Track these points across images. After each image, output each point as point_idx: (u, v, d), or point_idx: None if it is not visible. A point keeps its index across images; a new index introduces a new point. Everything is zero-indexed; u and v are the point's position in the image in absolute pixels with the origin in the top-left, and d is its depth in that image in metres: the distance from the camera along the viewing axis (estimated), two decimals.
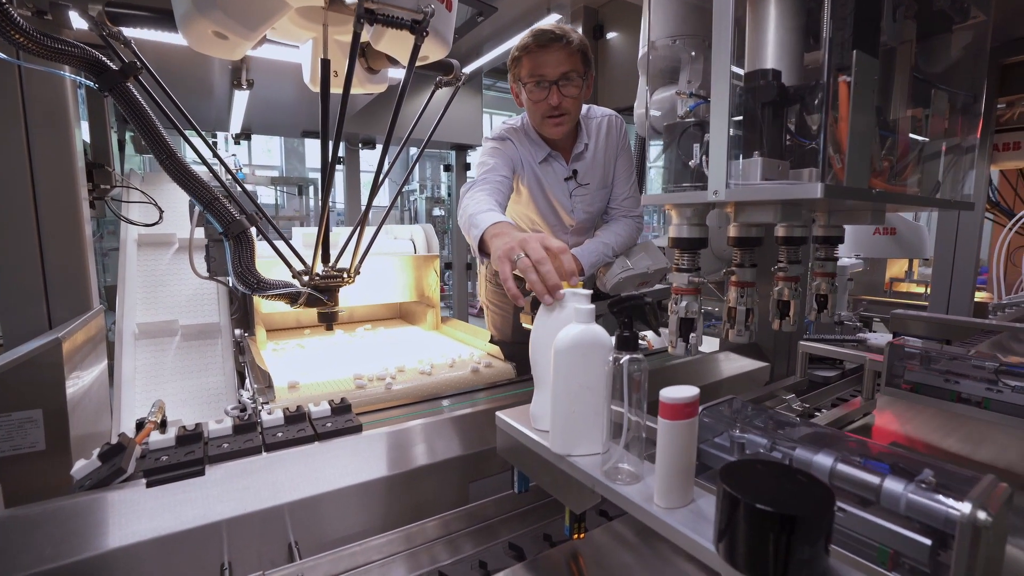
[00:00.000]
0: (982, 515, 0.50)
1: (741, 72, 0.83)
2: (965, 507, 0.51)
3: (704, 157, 0.80)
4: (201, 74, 2.10)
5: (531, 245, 0.80)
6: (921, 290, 3.77)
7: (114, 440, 0.87)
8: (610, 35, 2.41)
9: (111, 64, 0.94)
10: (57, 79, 1.43)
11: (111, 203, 1.75)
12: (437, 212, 6.03)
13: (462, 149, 4.00)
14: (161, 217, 1.85)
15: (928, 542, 0.54)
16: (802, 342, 1.48)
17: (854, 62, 0.74)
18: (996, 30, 2.74)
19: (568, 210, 1.51)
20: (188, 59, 1.81)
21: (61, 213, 1.44)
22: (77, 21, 1.51)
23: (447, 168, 4.52)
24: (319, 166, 1.14)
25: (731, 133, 0.79)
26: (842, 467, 0.61)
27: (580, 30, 2.33)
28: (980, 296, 3.19)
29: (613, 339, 0.63)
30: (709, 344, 1.83)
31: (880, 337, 1.95)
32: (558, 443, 0.66)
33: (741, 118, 0.82)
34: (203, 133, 1.20)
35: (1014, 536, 0.81)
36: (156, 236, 2.07)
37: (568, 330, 0.64)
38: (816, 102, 0.77)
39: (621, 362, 0.58)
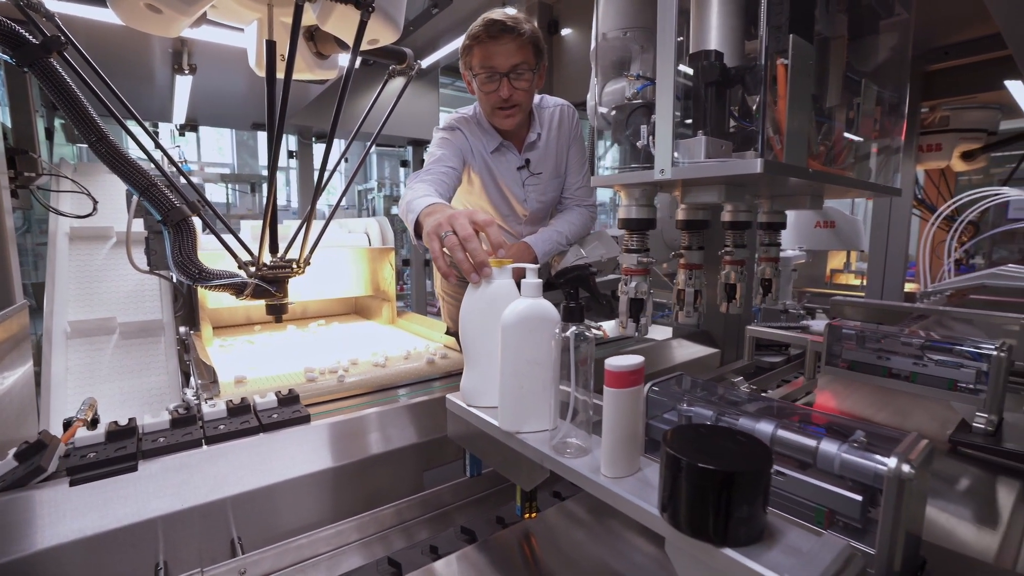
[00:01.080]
0: (906, 468, 0.52)
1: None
2: (892, 462, 0.53)
3: (651, 138, 0.81)
4: (139, 57, 1.98)
5: (459, 221, 0.77)
6: (858, 282, 4.00)
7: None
8: (565, 31, 2.43)
9: (30, 37, 0.87)
10: None
11: (37, 193, 1.63)
12: (396, 210, 5.93)
13: (419, 145, 3.95)
14: (95, 208, 1.73)
15: (859, 498, 0.56)
16: (749, 327, 1.54)
17: (791, 45, 0.77)
18: (919, 39, 2.93)
19: (521, 199, 1.50)
20: (124, 40, 1.70)
21: None
22: None
23: (403, 164, 4.45)
24: (266, 162, 1.09)
25: (677, 114, 0.81)
26: (782, 432, 0.63)
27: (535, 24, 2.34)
28: (910, 287, 3.40)
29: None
30: (662, 332, 1.87)
31: (821, 324, 2.04)
32: (507, 420, 0.66)
33: (688, 100, 0.84)
34: (142, 121, 1.12)
35: (936, 497, 0.87)
36: (91, 229, 1.94)
37: (515, 305, 0.63)
38: (755, 83, 0.80)
39: (567, 334, 0.58)
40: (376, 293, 2.11)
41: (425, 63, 2.96)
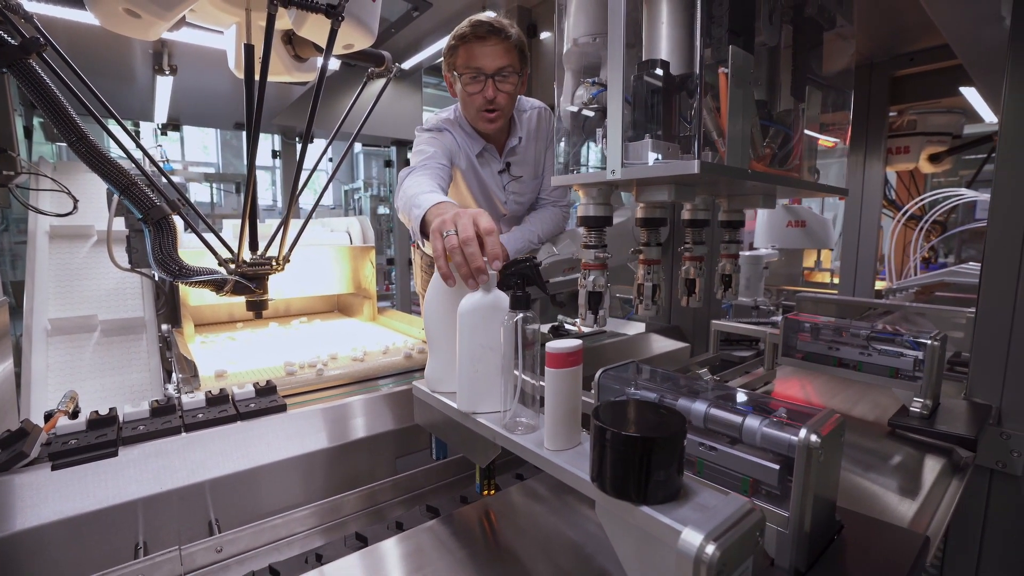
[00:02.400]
0: (814, 439, 0.59)
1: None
2: (802, 434, 0.59)
3: (604, 140, 0.87)
4: (119, 57, 1.99)
5: (462, 222, 0.75)
6: (835, 280, 4.12)
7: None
8: (543, 35, 2.49)
9: (9, 39, 0.90)
10: None
11: (16, 191, 1.64)
12: (382, 210, 5.96)
13: (402, 145, 3.99)
14: (76, 207, 1.75)
15: (776, 467, 0.63)
16: (714, 321, 1.61)
17: (730, 55, 0.83)
18: (886, 45, 3.04)
19: (501, 201, 1.56)
20: (104, 40, 1.72)
21: None
22: None
23: (387, 164, 4.48)
24: (257, 147, 1.13)
25: (629, 118, 0.87)
26: (713, 410, 0.69)
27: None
28: (881, 284, 3.52)
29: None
30: (635, 327, 1.94)
31: None
32: (464, 402, 0.71)
33: (645, 105, 0.90)
34: (122, 120, 1.16)
35: (869, 472, 0.94)
36: (72, 228, 1.96)
37: (471, 295, 0.68)
38: (702, 87, 0.86)
39: (515, 320, 0.63)
40: (358, 291, 2.15)
41: (408, 64, 3.00)
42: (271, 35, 0.97)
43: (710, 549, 0.43)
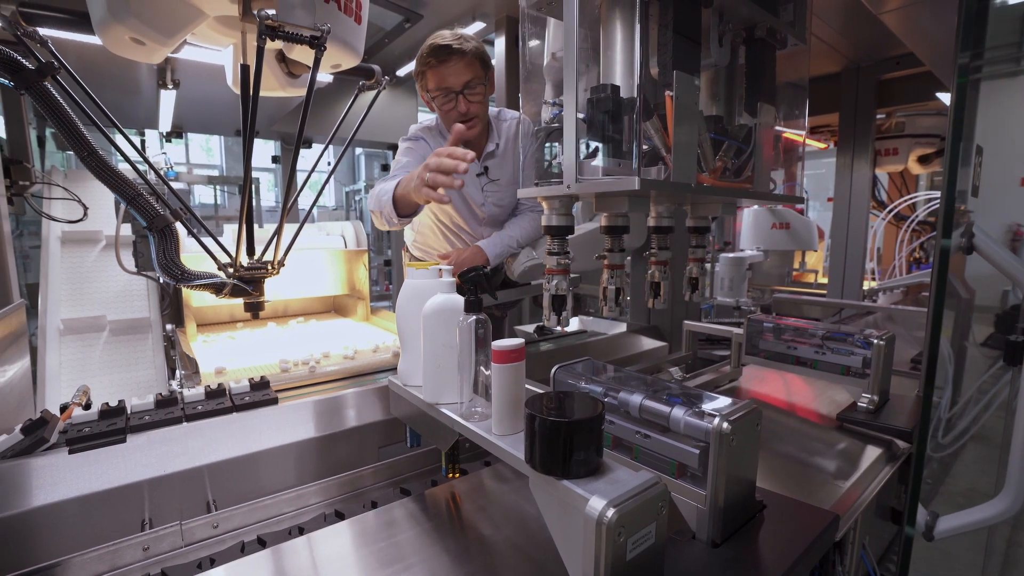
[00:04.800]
0: (725, 426, 0.68)
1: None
2: (715, 421, 0.68)
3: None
4: (125, 73, 2.10)
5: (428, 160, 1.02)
6: (824, 279, 4.18)
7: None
8: (532, 43, 2.57)
9: (27, 63, 0.99)
10: None
11: (31, 200, 1.75)
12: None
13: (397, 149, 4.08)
14: (86, 214, 1.86)
15: (696, 451, 0.71)
16: (686, 322, 1.69)
17: (675, 80, 0.92)
18: (873, 49, 3.11)
19: (479, 203, 1.65)
20: (111, 58, 1.82)
21: None
22: None
23: (385, 168, 4.58)
24: (259, 164, 1.23)
25: (585, 136, 0.96)
26: (647, 402, 0.78)
27: (504, 39, 2.49)
28: (873, 284, 3.57)
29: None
30: (617, 327, 2.02)
31: None
32: (428, 393, 0.80)
33: (599, 125, 0.99)
34: (127, 134, 1.25)
35: (808, 461, 1.02)
36: (82, 233, 2.07)
37: (433, 299, 0.78)
38: (647, 112, 0.94)
39: (468, 321, 0.73)
40: (352, 292, 2.25)
41: (402, 72, 3.09)
42: (261, 62, 1.06)
43: (610, 513, 0.52)
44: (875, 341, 1.19)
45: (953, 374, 1.46)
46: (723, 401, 0.75)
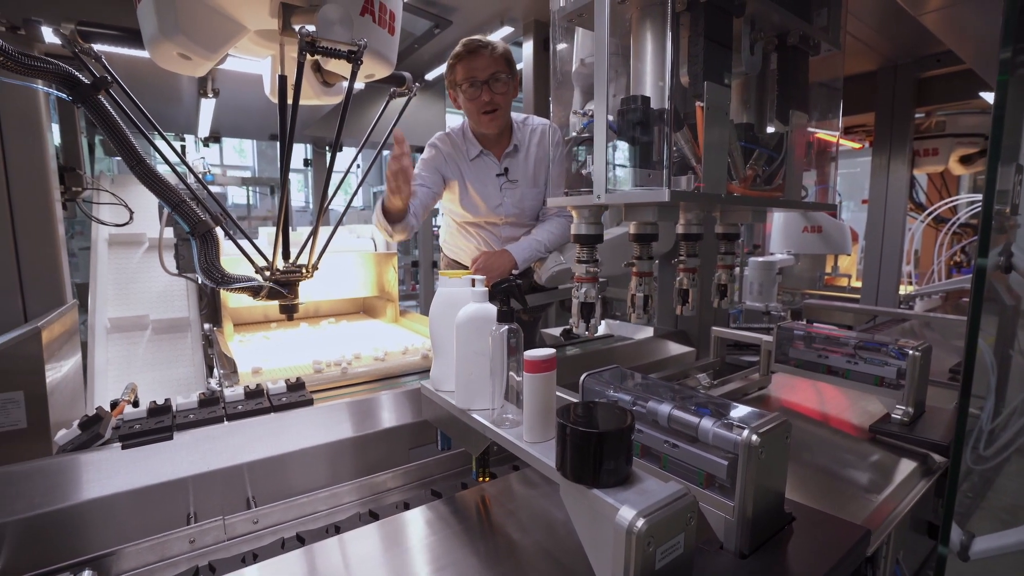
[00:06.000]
0: (755, 439, 0.68)
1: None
2: (744, 434, 0.69)
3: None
4: (170, 83, 2.20)
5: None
6: (856, 284, 4.06)
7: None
8: (561, 45, 2.58)
9: (83, 78, 1.06)
10: (30, 88, 1.53)
11: (82, 205, 1.85)
12: None
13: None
14: (131, 218, 1.95)
15: (724, 463, 0.72)
16: (714, 328, 1.68)
17: (705, 90, 0.92)
18: (911, 47, 3.01)
19: (497, 203, 1.69)
20: (157, 69, 1.91)
21: (35, 215, 1.54)
22: (49, 34, 1.60)
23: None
24: (290, 166, 1.28)
25: (613, 148, 0.96)
26: (676, 412, 0.79)
27: (531, 43, 2.50)
28: (910, 288, 3.46)
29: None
30: (644, 332, 2.02)
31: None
32: (461, 399, 0.83)
33: (629, 136, 1.00)
34: (171, 142, 1.32)
35: (839, 473, 1.01)
36: (127, 236, 2.17)
37: (466, 308, 0.80)
38: (677, 123, 0.95)
39: (501, 331, 0.74)
40: (381, 294, 2.30)
41: (431, 76, 3.14)
42: (301, 76, 1.11)
43: (640, 523, 0.53)
44: (910, 352, 1.17)
45: (996, 383, 1.41)
46: (752, 412, 0.75)
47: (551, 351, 0.70)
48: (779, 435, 0.71)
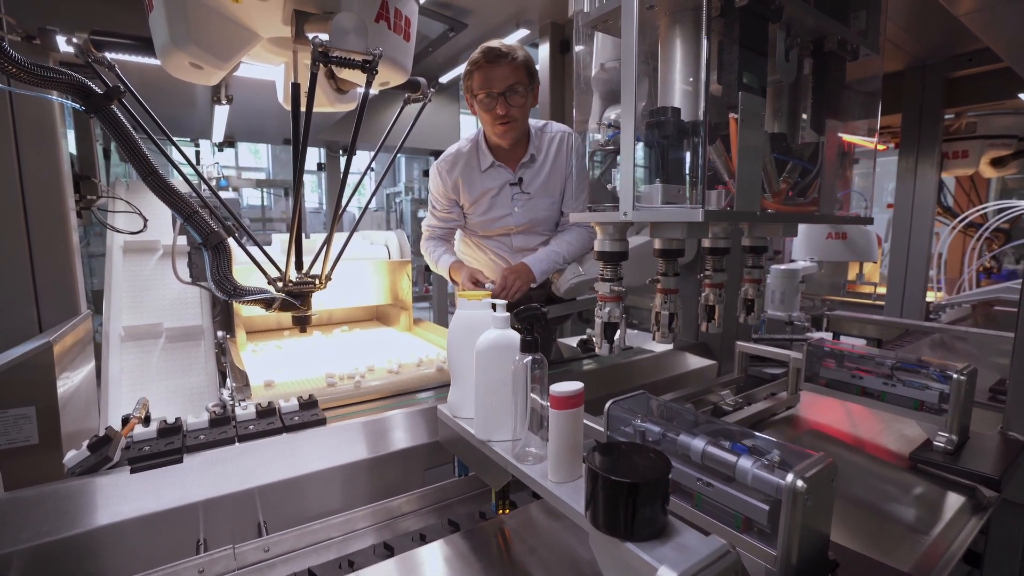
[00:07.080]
0: (800, 484, 0.63)
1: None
2: (789, 478, 0.63)
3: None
4: (184, 89, 2.19)
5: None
6: (877, 291, 3.95)
7: (102, 434, 0.98)
8: (577, 48, 2.53)
9: (96, 88, 1.03)
10: (46, 99, 1.52)
11: (97, 213, 1.84)
12: (422, 214, 6.15)
13: (439, 155, 4.12)
14: (145, 226, 1.94)
15: (765, 507, 0.67)
16: (739, 343, 1.62)
17: (740, 101, 0.86)
18: (941, 46, 2.91)
19: (507, 212, 1.64)
20: (170, 78, 1.90)
21: (50, 223, 1.54)
22: (64, 43, 1.60)
23: (425, 173, 4.62)
24: (304, 168, 1.25)
25: (642, 162, 0.91)
26: (710, 449, 0.74)
27: (548, 45, 2.45)
28: (938, 296, 3.34)
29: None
30: (664, 345, 1.96)
31: (824, 337, 2.08)
32: (480, 430, 0.78)
33: (658, 150, 0.94)
34: (183, 151, 1.30)
35: (880, 509, 0.95)
36: (141, 243, 2.16)
37: (487, 334, 0.76)
38: (707, 136, 0.89)
39: (524, 362, 0.70)
40: (395, 302, 2.26)
41: (445, 79, 3.11)
42: (314, 86, 1.07)
43: None
44: (954, 376, 1.10)
45: None
46: (793, 451, 0.70)
47: (578, 386, 0.65)
48: (825, 479, 0.66)
